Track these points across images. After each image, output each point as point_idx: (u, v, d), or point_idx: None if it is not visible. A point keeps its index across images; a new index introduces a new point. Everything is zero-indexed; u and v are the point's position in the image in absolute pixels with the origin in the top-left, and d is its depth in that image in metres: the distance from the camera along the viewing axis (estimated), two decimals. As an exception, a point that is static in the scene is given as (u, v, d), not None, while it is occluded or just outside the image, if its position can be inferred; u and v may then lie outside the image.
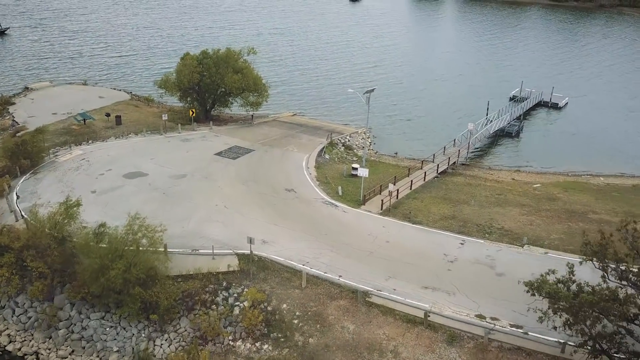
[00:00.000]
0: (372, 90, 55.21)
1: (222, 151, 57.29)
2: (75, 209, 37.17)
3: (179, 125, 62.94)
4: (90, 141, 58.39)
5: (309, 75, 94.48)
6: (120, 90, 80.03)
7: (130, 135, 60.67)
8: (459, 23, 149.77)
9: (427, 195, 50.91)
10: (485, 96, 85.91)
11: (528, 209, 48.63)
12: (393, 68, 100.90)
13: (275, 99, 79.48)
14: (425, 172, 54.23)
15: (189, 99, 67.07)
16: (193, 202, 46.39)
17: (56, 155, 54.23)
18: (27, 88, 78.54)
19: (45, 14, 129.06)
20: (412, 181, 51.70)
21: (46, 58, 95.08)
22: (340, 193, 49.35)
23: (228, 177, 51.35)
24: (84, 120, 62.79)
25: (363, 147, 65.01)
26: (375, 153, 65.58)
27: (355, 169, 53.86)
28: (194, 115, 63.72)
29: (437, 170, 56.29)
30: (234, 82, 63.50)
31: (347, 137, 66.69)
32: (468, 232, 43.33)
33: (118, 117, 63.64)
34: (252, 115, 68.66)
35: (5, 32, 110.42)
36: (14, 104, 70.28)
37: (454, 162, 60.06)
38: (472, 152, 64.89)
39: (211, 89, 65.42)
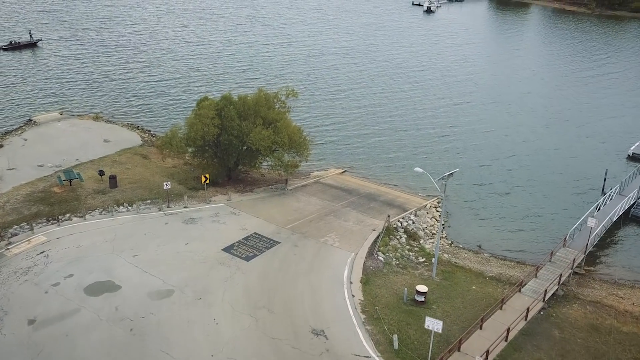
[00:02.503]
0: (451, 174, 37.59)
1: (233, 244, 41.12)
2: None
3: (186, 196, 47.19)
4: (67, 215, 43.82)
5: (371, 115, 75.75)
6: (135, 129, 65.55)
7: (121, 207, 45.61)
8: (553, 43, 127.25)
9: (533, 356, 32.61)
10: (598, 153, 66.17)
11: None
12: (479, 109, 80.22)
13: (324, 148, 63.05)
14: (528, 308, 35.80)
15: (205, 155, 51.22)
16: (169, 352, 30.41)
17: (9, 244, 39.72)
18: (30, 121, 65.94)
19: (88, 24, 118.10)
20: (509, 327, 33.58)
21: (70, 80, 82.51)
22: (396, 347, 32.01)
23: (231, 299, 35.05)
24: (70, 180, 48.49)
25: (433, 235, 47.37)
26: (451, 245, 47.61)
27: (422, 294, 36.35)
28: (207, 182, 47.75)
29: (545, 296, 37.81)
30: (262, 140, 47.19)
31: (411, 217, 49.07)
32: None
33: (112, 178, 48.85)
34: (286, 180, 52.10)
35: (37, 44, 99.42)
36: (1, 146, 57.31)
37: (569, 275, 41.41)
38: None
39: (234, 146, 49.17)
